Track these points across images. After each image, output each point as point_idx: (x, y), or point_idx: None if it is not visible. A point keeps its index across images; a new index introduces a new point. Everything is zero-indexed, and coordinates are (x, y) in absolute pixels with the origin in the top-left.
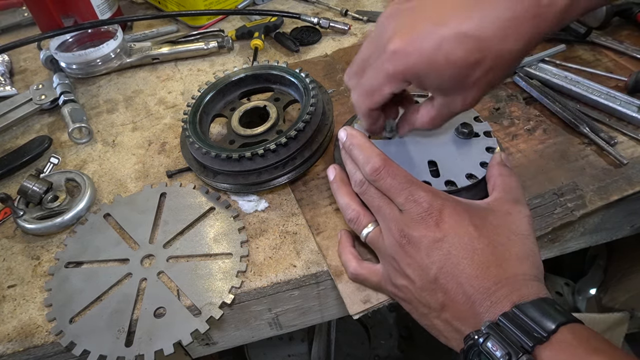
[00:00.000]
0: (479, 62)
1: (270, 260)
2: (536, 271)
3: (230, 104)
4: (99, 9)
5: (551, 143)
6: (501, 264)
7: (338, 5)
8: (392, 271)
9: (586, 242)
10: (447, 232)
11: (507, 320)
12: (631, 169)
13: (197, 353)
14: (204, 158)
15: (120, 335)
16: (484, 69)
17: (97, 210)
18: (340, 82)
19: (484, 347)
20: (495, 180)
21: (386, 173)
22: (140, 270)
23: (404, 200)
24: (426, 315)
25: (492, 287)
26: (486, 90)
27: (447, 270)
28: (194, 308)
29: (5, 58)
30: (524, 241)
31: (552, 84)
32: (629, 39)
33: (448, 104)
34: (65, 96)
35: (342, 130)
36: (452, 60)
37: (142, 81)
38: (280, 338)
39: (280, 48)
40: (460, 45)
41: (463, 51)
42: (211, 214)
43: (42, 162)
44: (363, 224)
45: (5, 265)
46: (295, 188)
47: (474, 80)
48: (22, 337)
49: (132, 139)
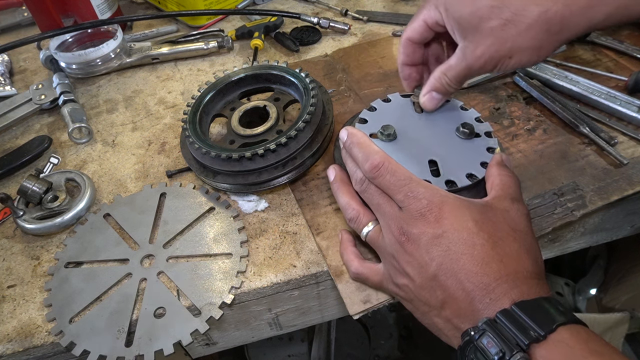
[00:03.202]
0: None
1: (270, 260)
2: (537, 268)
3: (230, 104)
4: (99, 8)
5: (551, 143)
6: (502, 259)
7: (338, 5)
8: (392, 270)
9: (586, 242)
10: (447, 227)
11: (505, 317)
12: (631, 169)
13: (197, 353)
14: (203, 158)
15: (120, 336)
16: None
17: (97, 210)
18: (340, 81)
19: (479, 343)
20: (493, 179)
21: (385, 170)
22: (140, 270)
23: (403, 197)
24: (427, 313)
25: (492, 283)
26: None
27: (447, 267)
28: (194, 308)
29: (5, 58)
30: (524, 237)
31: (552, 84)
32: (629, 39)
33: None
34: (65, 96)
35: (343, 130)
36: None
37: (142, 81)
38: (280, 338)
39: (280, 48)
40: None
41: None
42: (211, 214)
43: (42, 162)
44: (363, 223)
45: (5, 265)
46: (295, 188)
47: (490, 27)
48: (21, 337)
49: (132, 139)
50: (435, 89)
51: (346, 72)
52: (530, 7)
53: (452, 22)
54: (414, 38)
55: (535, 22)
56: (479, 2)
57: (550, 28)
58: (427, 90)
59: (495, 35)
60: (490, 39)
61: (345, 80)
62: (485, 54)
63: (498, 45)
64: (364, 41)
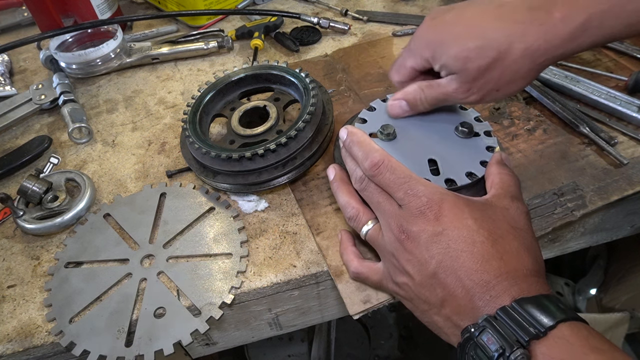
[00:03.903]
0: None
1: (270, 260)
2: (537, 266)
3: (230, 104)
4: (99, 8)
5: (551, 143)
6: (502, 256)
7: (338, 5)
8: (392, 269)
9: (586, 242)
10: (447, 225)
11: (505, 314)
12: (631, 169)
13: (197, 353)
14: (203, 158)
15: (120, 336)
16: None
17: (97, 210)
18: (340, 81)
19: (479, 340)
20: (493, 178)
21: (385, 168)
22: (140, 270)
23: (403, 195)
24: (427, 312)
25: (492, 280)
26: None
27: (446, 265)
28: (194, 308)
29: (5, 58)
30: (524, 235)
31: (552, 84)
32: (629, 39)
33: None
34: (65, 96)
35: (343, 129)
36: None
37: (142, 81)
38: (280, 338)
39: (280, 48)
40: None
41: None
42: (211, 214)
43: (42, 162)
44: (362, 221)
45: (5, 265)
46: (295, 188)
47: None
48: (21, 338)
49: (132, 139)
50: (407, 100)
51: (346, 72)
52: (515, 44)
53: (439, 65)
54: (403, 81)
55: (521, 57)
56: (463, 43)
57: (535, 59)
58: (399, 97)
59: (482, 74)
60: (477, 77)
61: (345, 80)
62: (471, 89)
63: (485, 82)
64: (364, 41)
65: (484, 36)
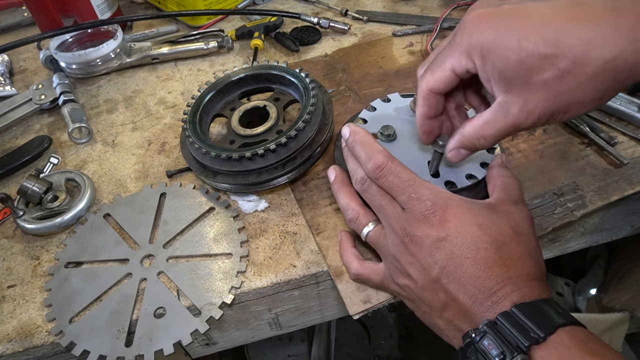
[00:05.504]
0: (553, 57)
1: (270, 260)
2: (539, 271)
3: (230, 104)
4: (99, 8)
5: (551, 143)
6: (505, 262)
7: (338, 5)
8: (394, 270)
9: (586, 242)
10: (451, 231)
11: (505, 319)
12: (631, 169)
13: (197, 353)
14: (203, 158)
15: (120, 336)
16: (558, 69)
17: (97, 210)
18: (340, 81)
19: (480, 345)
20: (495, 181)
21: (389, 171)
22: (140, 270)
23: (406, 198)
24: (428, 314)
25: (495, 286)
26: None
27: (450, 271)
28: (194, 308)
29: (5, 58)
30: (527, 241)
31: None
32: None
33: (505, 106)
34: (65, 96)
35: (345, 127)
36: (523, 44)
37: (142, 81)
38: (280, 338)
39: (280, 48)
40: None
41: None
42: (211, 214)
43: (42, 162)
44: (363, 223)
45: (5, 265)
46: (295, 188)
47: (543, 80)
48: (21, 337)
49: (132, 139)
50: (464, 147)
51: (346, 72)
52: (594, 53)
53: (491, 72)
54: (439, 89)
55: (600, 72)
56: (527, 48)
57: (617, 77)
58: (455, 146)
59: (549, 89)
60: (543, 93)
61: (345, 80)
62: (536, 111)
63: (552, 100)
64: (364, 41)
65: (554, 41)
